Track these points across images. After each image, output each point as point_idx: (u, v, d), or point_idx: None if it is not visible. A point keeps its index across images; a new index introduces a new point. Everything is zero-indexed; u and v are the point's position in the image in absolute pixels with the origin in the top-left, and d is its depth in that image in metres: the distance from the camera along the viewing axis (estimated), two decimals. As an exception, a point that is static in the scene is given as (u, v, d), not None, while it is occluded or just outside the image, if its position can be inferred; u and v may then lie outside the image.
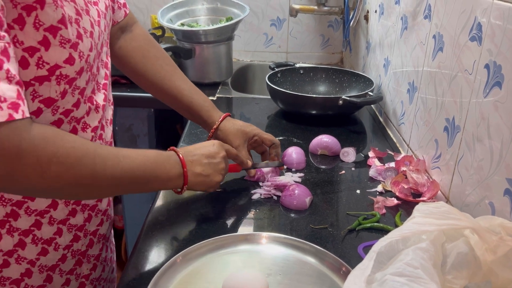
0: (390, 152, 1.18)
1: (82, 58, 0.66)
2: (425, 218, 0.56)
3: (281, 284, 0.71)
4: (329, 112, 1.36)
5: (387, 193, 1.00)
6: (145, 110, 1.60)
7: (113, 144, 0.86)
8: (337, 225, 0.88)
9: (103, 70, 0.77)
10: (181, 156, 0.79)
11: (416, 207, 0.59)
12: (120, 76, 1.57)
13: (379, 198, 0.95)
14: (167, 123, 1.79)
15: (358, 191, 1.00)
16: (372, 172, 1.07)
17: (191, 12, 1.79)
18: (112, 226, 0.95)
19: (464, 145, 0.87)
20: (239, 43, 2.05)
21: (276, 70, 1.57)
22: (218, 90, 1.67)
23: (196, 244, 0.76)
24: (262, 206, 0.94)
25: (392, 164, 1.09)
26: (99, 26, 0.71)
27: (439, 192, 0.96)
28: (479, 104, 0.81)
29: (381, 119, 1.44)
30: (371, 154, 1.16)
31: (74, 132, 0.71)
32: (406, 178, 1.01)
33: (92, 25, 0.69)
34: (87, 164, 0.62)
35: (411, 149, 1.16)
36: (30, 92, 0.62)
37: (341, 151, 1.15)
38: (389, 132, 1.35)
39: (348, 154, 1.14)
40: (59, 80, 0.64)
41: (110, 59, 0.82)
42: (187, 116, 1.04)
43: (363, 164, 1.13)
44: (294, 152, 1.10)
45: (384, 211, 0.92)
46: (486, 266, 0.56)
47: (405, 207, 0.95)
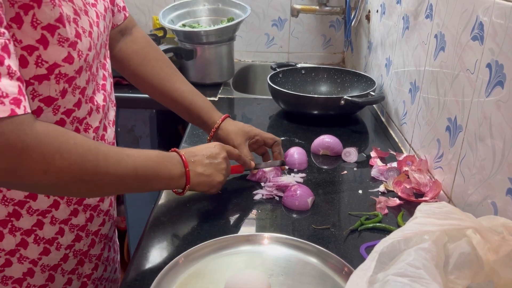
0: (392, 152, 1.18)
1: (81, 57, 0.66)
2: (427, 218, 0.56)
3: (283, 284, 0.71)
4: (330, 112, 1.36)
5: (389, 193, 1.00)
6: (147, 111, 1.60)
7: (115, 145, 0.86)
8: (339, 225, 0.88)
9: (101, 71, 0.78)
10: (183, 156, 0.80)
11: (418, 207, 0.59)
12: (122, 77, 1.56)
13: (381, 198, 0.95)
14: (169, 124, 1.79)
15: (360, 191, 1.00)
16: (374, 172, 1.07)
17: (193, 13, 1.79)
18: (116, 226, 0.95)
19: (466, 144, 0.86)
20: (241, 43, 2.05)
21: (278, 70, 1.57)
22: (220, 91, 1.67)
23: (198, 245, 0.76)
24: (264, 206, 0.94)
25: (394, 164, 1.09)
26: (98, 27, 0.72)
27: (441, 192, 0.96)
28: (481, 104, 0.81)
29: (383, 119, 1.44)
30: (373, 154, 1.15)
31: (76, 132, 0.71)
32: (408, 178, 1.01)
33: (91, 25, 0.69)
34: (90, 160, 0.63)
35: (413, 149, 1.16)
36: (30, 92, 0.62)
37: (343, 151, 1.15)
38: (391, 132, 1.35)
39: (350, 154, 1.14)
40: (58, 79, 0.64)
41: (109, 61, 0.82)
42: (186, 118, 1.04)
43: (365, 164, 1.13)
44: (296, 153, 1.10)
45: (386, 211, 0.92)
46: (489, 266, 0.56)
47: (407, 207, 0.94)
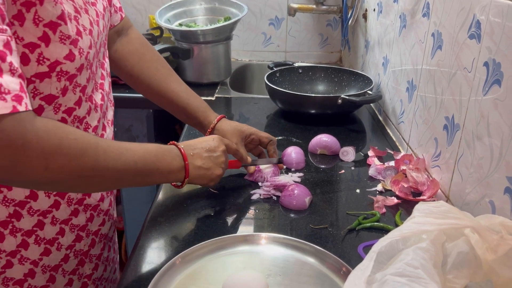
0: (389, 151, 1.18)
1: (82, 54, 0.66)
2: (425, 218, 0.56)
3: (281, 285, 0.71)
4: (328, 111, 1.35)
5: (387, 192, 1.00)
6: (144, 111, 1.59)
7: None
8: (337, 225, 0.88)
9: (100, 70, 0.78)
10: (182, 149, 0.80)
11: (416, 207, 0.59)
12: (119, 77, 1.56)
13: (379, 197, 0.95)
14: (166, 123, 1.79)
15: (358, 191, 1.00)
16: (371, 171, 1.06)
17: (189, 12, 1.78)
18: (115, 226, 0.95)
19: (464, 143, 0.86)
20: (238, 42, 2.04)
21: (275, 69, 1.57)
22: (217, 90, 1.66)
23: (195, 246, 0.75)
24: (261, 206, 0.93)
25: (392, 163, 1.09)
26: (98, 25, 0.72)
27: (439, 190, 0.96)
28: (479, 102, 0.81)
29: (380, 118, 1.44)
30: (370, 153, 1.15)
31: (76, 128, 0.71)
32: (406, 177, 1.01)
33: (91, 23, 0.69)
34: (90, 156, 0.62)
35: (410, 147, 1.16)
36: (31, 90, 0.62)
37: (340, 150, 1.15)
38: (388, 131, 1.35)
39: (348, 154, 1.14)
40: (59, 76, 0.64)
41: (108, 60, 0.82)
42: (182, 119, 1.04)
43: (362, 163, 1.13)
44: (293, 152, 1.09)
45: (384, 210, 0.92)
46: (487, 265, 0.56)
47: (405, 206, 0.94)
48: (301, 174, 1.05)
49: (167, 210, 0.90)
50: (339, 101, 1.29)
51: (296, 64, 1.65)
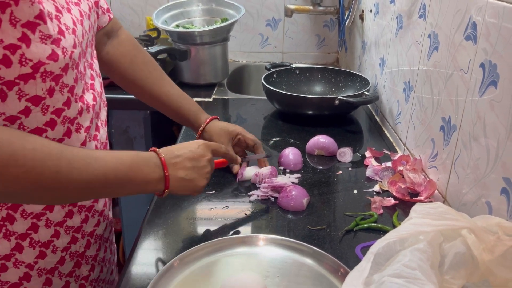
0: (386, 151, 1.18)
1: (65, 54, 0.65)
2: (422, 219, 0.56)
3: (279, 286, 0.71)
4: (325, 112, 1.36)
5: (384, 193, 1.00)
6: (141, 112, 1.59)
7: (108, 146, 0.86)
8: (334, 226, 0.88)
9: (89, 71, 0.77)
10: (162, 158, 0.74)
11: (413, 208, 0.59)
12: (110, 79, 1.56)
13: (376, 198, 0.95)
14: (164, 124, 1.78)
15: (355, 191, 1.00)
16: (369, 172, 1.07)
17: (186, 14, 1.78)
18: (112, 227, 0.95)
19: (461, 144, 0.87)
20: (235, 44, 2.04)
21: (272, 70, 1.57)
22: (214, 91, 1.66)
23: (193, 247, 0.76)
24: (259, 207, 0.93)
25: (389, 164, 1.09)
26: (82, 25, 0.71)
27: (436, 191, 0.96)
28: (475, 103, 0.81)
29: (377, 119, 1.44)
30: (367, 154, 1.16)
31: (68, 133, 0.71)
32: (403, 177, 1.01)
33: (74, 23, 0.68)
34: (49, 166, 0.60)
35: (407, 148, 1.16)
36: (16, 92, 0.61)
37: (337, 151, 1.15)
38: (385, 131, 1.35)
39: (345, 154, 1.14)
40: (44, 77, 0.63)
41: (96, 61, 0.82)
42: (176, 120, 1.06)
43: (360, 164, 1.13)
44: (291, 153, 1.10)
45: (381, 211, 0.92)
46: (484, 266, 0.56)
47: (402, 206, 0.95)
48: (298, 175, 1.05)
49: (164, 212, 0.90)
50: (336, 102, 1.29)
51: (293, 65, 1.65)
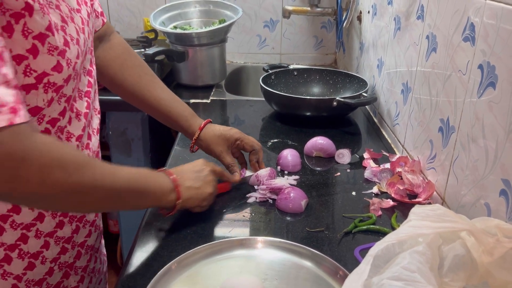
0: (385, 153, 1.18)
1: (70, 65, 0.65)
2: (421, 221, 0.56)
3: (277, 289, 0.70)
4: (323, 113, 1.35)
5: (382, 194, 1.00)
6: (139, 114, 1.59)
7: (100, 154, 0.85)
8: (333, 227, 0.87)
9: (86, 78, 0.76)
10: (167, 171, 0.80)
11: (412, 210, 0.59)
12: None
13: (375, 200, 0.95)
14: (162, 126, 1.77)
15: (353, 193, 1.00)
16: (367, 174, 1.06)
17: (184, 15, 1.78)
18: (103, 236, 0.94)
19: (459, 145, 0.86)
20: (233, 45, 2.04)
21: (270, 72, 1.57)
22: (212, 93, 1.66)
23: (191, 250, 0.75)
24: (257, 209, 0.93)
25: (387, 165, 1.09)
26: (83, 33, 0.71)
27: (435, 193, 0.96)
28: (474, 104, 0.81)
29: (375, 120, 1.44)
30: (366, 155, 1.15)
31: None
32: (402, 179, 1.01)
33: (77, 32, 0.68)
34: (87, 172, 0.62)
35: (406, 150, 1.16)
36: None
37: (336, 152, 1.15)
38: (383, 133, 1.35)
39: (343, 156, 1.14)
40: (46, 88, 0.63)
41: (95, 68, 0.81)
42: (167, 124, 1.03)
43: (358, 165, 1.13)
44: (289, 155, 1.09)
45: (380, 212, 0.92)
46: (483, 268, 0.56)
47: (401, 208, 0.94)
48: (297, 177, 1.05)
49: (162, 214, 0.90)
50: (334, 103, 1.29)
51: (291, 67, 1.65)
